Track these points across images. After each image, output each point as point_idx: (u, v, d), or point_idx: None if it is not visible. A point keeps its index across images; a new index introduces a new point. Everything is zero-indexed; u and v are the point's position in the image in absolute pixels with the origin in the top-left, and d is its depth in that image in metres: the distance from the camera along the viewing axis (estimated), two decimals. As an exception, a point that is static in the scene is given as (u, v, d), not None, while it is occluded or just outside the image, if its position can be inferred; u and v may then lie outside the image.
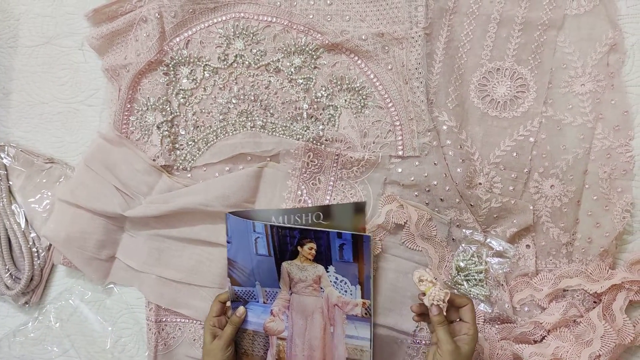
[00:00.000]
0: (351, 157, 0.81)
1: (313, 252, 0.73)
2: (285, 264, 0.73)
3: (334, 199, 0.82)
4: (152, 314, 0.85)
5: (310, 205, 0.81)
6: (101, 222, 0.83)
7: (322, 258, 0.73)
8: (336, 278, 0.73)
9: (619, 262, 0.78)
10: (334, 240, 0.71)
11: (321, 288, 0.74)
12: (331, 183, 0.82)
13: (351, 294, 0.73)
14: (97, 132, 0.87)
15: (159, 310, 0.85)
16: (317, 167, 0.82)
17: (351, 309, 0.73)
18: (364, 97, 0.82)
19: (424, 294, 0.64)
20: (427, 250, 0.80)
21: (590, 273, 0.76)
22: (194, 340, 0.85)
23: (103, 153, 0.84)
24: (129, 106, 0.86)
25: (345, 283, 0.73)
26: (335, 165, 0.82)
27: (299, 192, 0.82)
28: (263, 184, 0.83)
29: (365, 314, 0.73)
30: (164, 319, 0.86)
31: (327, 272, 0.73)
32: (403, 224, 0.79)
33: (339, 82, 0.83)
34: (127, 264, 0.85)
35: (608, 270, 0.75)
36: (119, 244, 0.85)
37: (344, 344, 0.74)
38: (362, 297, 0.73)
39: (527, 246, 0.79)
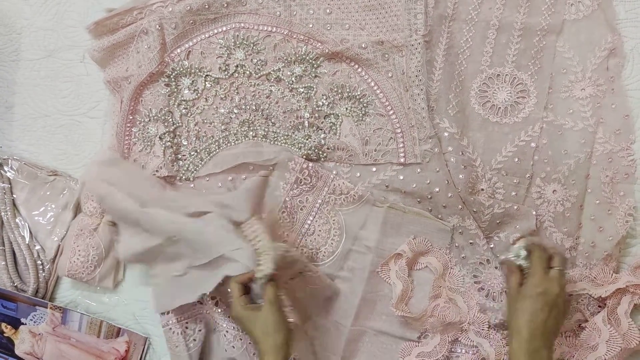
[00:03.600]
0: (342, 184, 0.81)
1: None
2: None
3: (317, 221, 0.82)
4: (172, 316, 0.81)
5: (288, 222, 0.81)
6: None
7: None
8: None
9: (623, 266, 0.78)
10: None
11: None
12: (317, 205, 0.82)
13: None
14: (91, 160, 0.87)
15: (175, 310, 0.80)
16: (309, 186, 0.82)
17: None
18: (364, 105, 0.83)
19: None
20: (430, 262, 0.80)
21: (595, 277, 0.76)
22: (215, 328, 0.82)
23: (104, 175, 0.83)
24: (131, 118, 0.87)
25: None
26: (326, 187, 0.82)
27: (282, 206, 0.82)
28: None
29: None
30: (183, 317, 0.82)
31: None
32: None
33: (339, 91, 0.83)
34: None
35: (612, 275, 0.75)
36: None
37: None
38: None
39: (531, 251, 0.79)
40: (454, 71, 0.82)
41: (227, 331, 0.82)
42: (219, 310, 0.82)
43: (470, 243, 0.79)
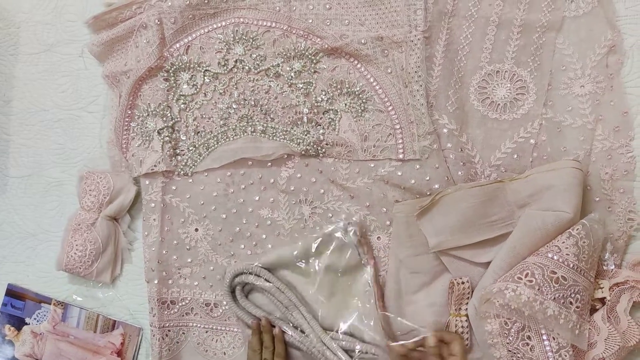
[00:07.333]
0: None
1: None
2: None
3: None
4: (156, 320, 0.85)
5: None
6: None
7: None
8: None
9: (623, 264, 0.78)
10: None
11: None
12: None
13: None
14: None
15: (162, 316, 0.85)
16: None
17: None
18: (364, 100, 0.82)
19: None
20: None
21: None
22: (197, 344, 0.85)
23: None
24: (129, 112, 0.87)
25: None
26: None
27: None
28: None
29: None
30: (167, 324, 0.85)
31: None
32: None
33: (339, 86, 0.83)
34: None
35: (612, 270, 0.75)
36: None
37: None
38: None
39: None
40: (454, 67, 0.82)
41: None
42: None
43: None
